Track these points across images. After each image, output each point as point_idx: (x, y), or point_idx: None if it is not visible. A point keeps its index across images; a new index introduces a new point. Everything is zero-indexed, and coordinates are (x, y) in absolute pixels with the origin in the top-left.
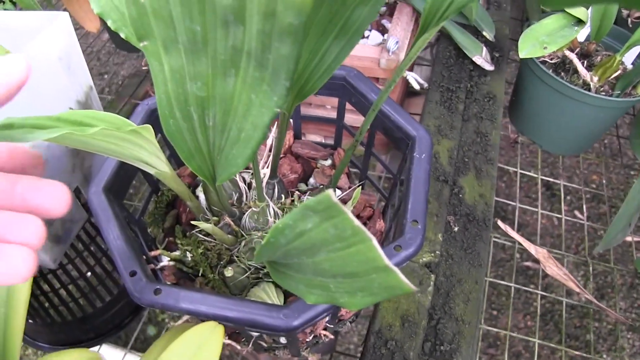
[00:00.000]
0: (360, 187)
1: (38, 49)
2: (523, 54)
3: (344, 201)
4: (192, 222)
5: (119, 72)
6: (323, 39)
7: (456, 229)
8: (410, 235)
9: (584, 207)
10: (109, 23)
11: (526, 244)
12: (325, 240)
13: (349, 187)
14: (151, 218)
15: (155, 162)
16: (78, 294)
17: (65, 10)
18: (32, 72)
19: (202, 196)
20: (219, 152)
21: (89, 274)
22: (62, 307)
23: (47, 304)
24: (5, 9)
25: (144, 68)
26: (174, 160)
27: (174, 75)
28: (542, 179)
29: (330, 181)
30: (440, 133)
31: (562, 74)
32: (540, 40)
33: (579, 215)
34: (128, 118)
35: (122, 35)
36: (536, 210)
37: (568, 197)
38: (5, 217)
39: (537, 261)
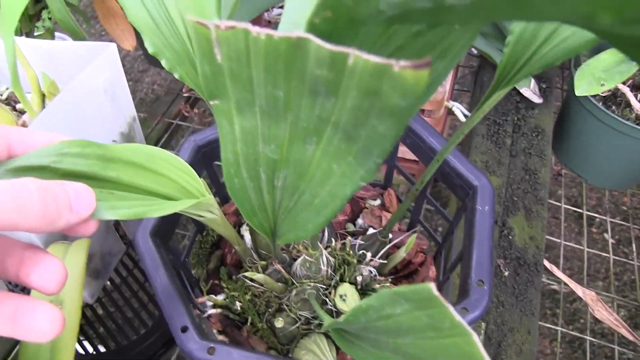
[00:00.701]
0: (414, 232)
1: (85, 81)
2: (579, 91)
3: (397, 246)
4: (244, 275)
5: (151, 89)
6: None
7: (506, 273)
8: (477, 296)
9: (633, 245)
10: (163, 62)
11: (573, 285)
12: (415, 327)
13: (398, 229)
14: (195, 259)
15: (208, 213)
16: (113, 326)
17: (97, 22)
18: (79, 105)
19: (247, 236)
20: (286, 213)
21: (125, 306)
22: (96, 339)
23: (82, 337)
24: (43, 26)
25: (184, 95)
26: (219, 197)
27: (246, 136)
28: (587, 214)
29: (380, 222)
30: (488, 169)
31: (613, 107)
32: (597, 76)
33: (628, 254)
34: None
35: (176, 76)
36: (582, 248)
37: (616, 235)
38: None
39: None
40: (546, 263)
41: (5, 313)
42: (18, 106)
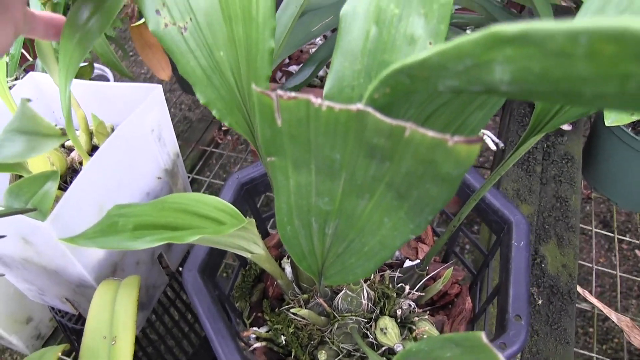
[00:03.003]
0: (450, 266)
1: (135, 122)
2: (609, 122)
3: (433, 278)
4: (292, 311)
5: (185, 116)
6: (443, 131)
7: (540, 302)
8: (514, 331)
9: None
10: (214, 112)
11: (607, 311)
12: None
13: (434, 261)
14: (239, 292)
15: (253, 248)
16: (155, 355)
17: (132, 48)
18: (128, 144)
19: (288, 269)
20: (334, 257)
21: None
22: None
23: None
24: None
25: (223, 128)
26: (260, 232)
27: (300, 189)
28: (618, 238)
29: (416, 253)
30: (519, 197)
31: None
32: None
33: None
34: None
35: (226, 123)
36: (615, 272)
37: None
38: None
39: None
40: (579, 289)
41: None
42: (67, 143)
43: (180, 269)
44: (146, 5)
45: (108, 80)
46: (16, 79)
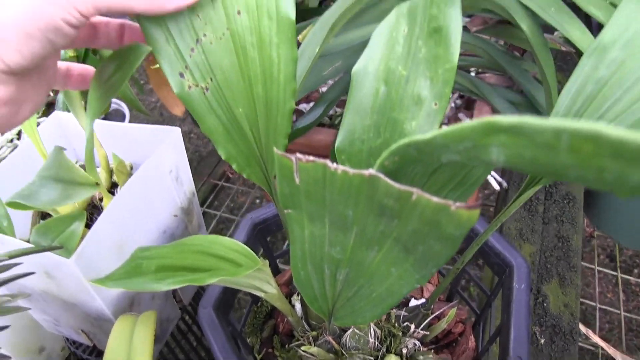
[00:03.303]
0: (454, 305)
1: (154, 163)
2: None
3: (437, 317)
4: (302, 349)
5: (197, 149)
6: (443, 188)
7: (542, 341)
8: None
9: None
10: (234, 166)
11: (611, 351)
12: None
13: (438, 300)
14: (250, 328)
15: (266, 287)
16: None
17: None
18: (148, 184)
19: (298, 306)
20: (345, 301)
21: None
22: None
23: None
24: None
25: None
26: (272, 269)
27: (314, 239)
28: (622, 277)
29: (420, 292)
30: (522, 237)
31: None
32: None
33: None
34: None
35: (244, 175)
36: (618, 312)
37: None
38: None
39: None
40: (582, 327)
41: None
42: None
43: (193, 302)
44: (170, 70)
45: (124, 114)
46: (40, 115)
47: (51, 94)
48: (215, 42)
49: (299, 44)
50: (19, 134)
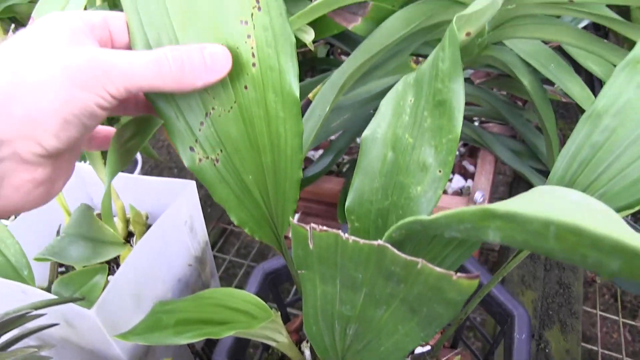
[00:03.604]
0: (458, 353)
1: (170, 216)
2: None
3: None
4: None
5: (206, 193)
6: (445, 248)
7: None
8: None
9: None
10: (246, 229)
11: None
12: None
13: (443, 346)
14: None
15: (277, 337)
16: None
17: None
18: (164, 236)
19: (307, 352)
20: (354, 353)
21: None
22: None
23: None
24: None
25: None
26: (281, 313)
27: (325, 297)
28: (623, 322)
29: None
30: (524, 283)
31: None
32: None
33: None
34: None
35: (256, 237)
36: (621, 357)
37: None
38: None
39: None
40: None
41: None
42: None
43: (205, 347)
44: (181, 144)
45: (137, 160)
46: None
47: None
48: (224, 115)
49: (309, 102)
50: None
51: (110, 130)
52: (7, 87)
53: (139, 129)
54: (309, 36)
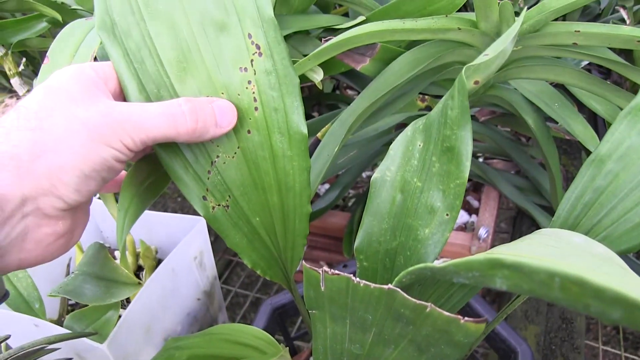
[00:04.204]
0: None
1: (180, 252)
2: None
3: None
4: None
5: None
6: (450, 288)
7: None
8: None
9: None
10: (258, 271)
11: None
12: None
13: None
14: None
15: None
16: None
17: None
18: (175, 271)
19: None
20: None
21: None
22: None
23: None
24: None
25: None
26: (289, 345)
27: (335, 336)
28: (625, 356)
29: None
30: (527, 318)
31: None
32: None
33: None
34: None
35: (267, 277)
36: None
37: None
38: None
39: None
40: None
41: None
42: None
43: None
44: (192, 195)
45: None
46: None
47: None
48: (228, 161)
49: (318, 141)
50: None
51: (122, 173)
52: (29, 144)
53: (156, 164)
54: (318, 76)
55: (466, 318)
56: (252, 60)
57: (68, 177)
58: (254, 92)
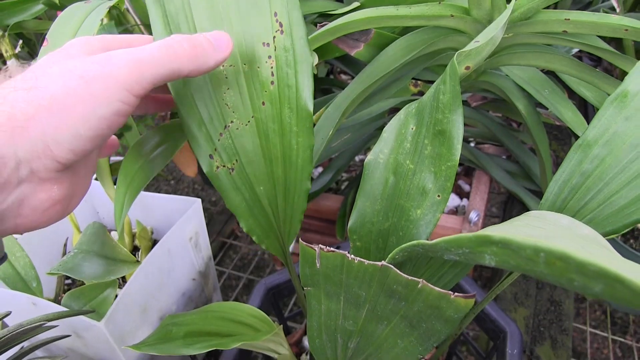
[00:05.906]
0: None
1: (176, 232)
2: None
3: None
4: None
5: (206, 207)
6: (442, 268)
7: None
8: None
9: None
10: (254, 238)
11: None
12: None
13: None
14: None
15: (279, 349)
16: None
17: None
18: (170, 251)
19: None
20: None
21: None
22: None
23: None
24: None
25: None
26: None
27: (330, 313)
28: (613, 338)
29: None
30: (517, 301)
31: (632, 240)
32: None
33: None
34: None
35: (263, 247)
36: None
37: None
38: None
39: None
40: None
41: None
42: None
43: (206, 358)
44: (201, 152)
45: None
46: None
47: None
48: (242, 128)
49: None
50: None
51: (113, 138)
52: (24, 104)
53: (168, 135)
54: (313, 61)
55: (456, 294)
56: (274, 37)
57: (62, 136)
58: (272, 67)
